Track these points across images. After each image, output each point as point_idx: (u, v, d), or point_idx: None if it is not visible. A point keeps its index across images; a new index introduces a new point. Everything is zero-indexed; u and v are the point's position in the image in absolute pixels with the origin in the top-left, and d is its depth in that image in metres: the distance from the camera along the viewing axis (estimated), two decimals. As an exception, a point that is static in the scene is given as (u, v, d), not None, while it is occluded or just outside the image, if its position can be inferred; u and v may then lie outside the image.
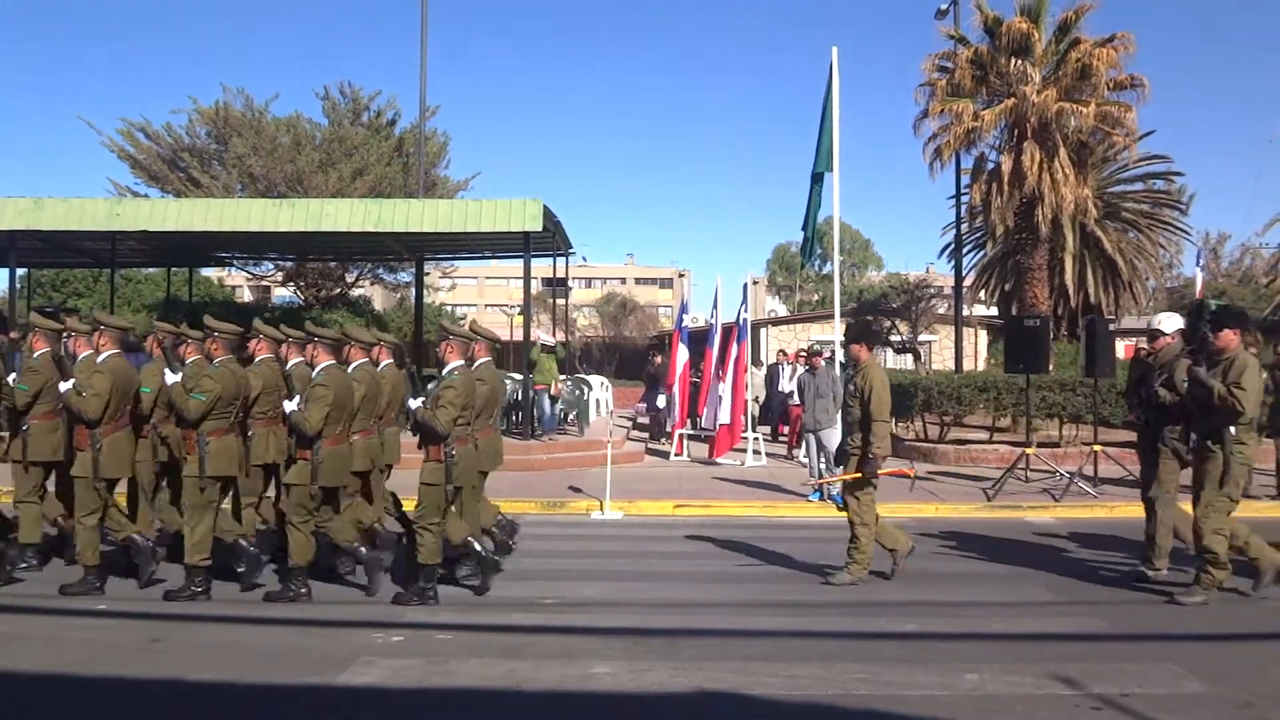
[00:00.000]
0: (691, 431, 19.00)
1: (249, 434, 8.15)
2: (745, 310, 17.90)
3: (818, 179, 16.67)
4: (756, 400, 19.79)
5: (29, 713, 5.44)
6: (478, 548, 8.11)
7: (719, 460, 17.23)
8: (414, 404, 7.79)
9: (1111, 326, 17.75)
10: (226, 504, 8.28)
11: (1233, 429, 7.60)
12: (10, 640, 6.72)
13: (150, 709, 5.56)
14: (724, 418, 16.81)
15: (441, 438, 7.64)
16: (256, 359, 8.43)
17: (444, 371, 7.97)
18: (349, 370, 8.50)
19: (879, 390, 8.32)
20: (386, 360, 9.27)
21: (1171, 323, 8.77)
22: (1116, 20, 54.62)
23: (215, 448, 7.79)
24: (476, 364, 8.40)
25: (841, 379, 14.65)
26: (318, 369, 7.97)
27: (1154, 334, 8.83)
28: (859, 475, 8.38)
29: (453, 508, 8.01)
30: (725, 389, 16.85)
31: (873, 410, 8.30)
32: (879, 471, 8.39)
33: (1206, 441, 7.74)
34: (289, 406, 7.77)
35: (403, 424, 9.18)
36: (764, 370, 23.11)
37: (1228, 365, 7.67)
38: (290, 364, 8.34)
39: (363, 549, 8.16)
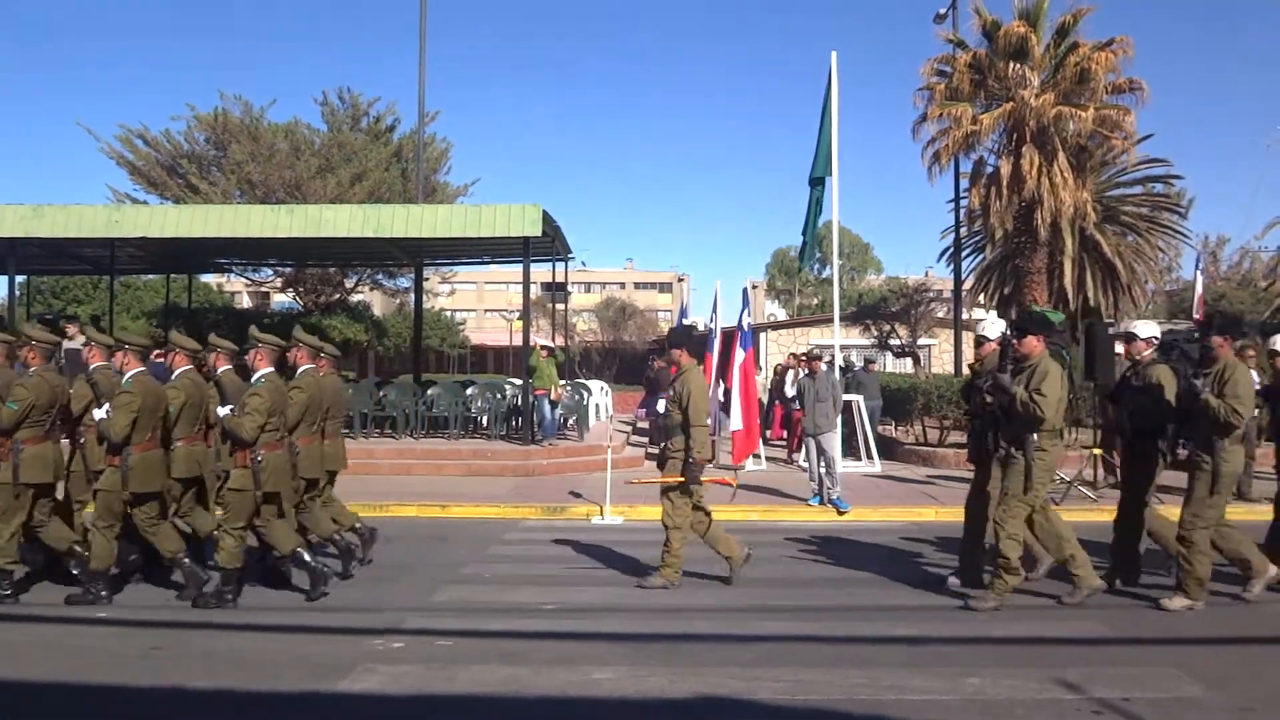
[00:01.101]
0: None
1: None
2: (748, 315, 17.88)
3: (817, 183, 16.70)
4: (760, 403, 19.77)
5: (28, 720, 5.44)
6: (307, 558, 8.07)
7: (739, 466, 17.17)
8: (222, 411, 7.83)
9: (1111, 330, 17.73)
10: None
11: (1035, 435, 7.60)
12: (12, 649, 6.72)
13: (152, 717, 5.55)
14: (735, 424, 16.77)
15: (247, 444, 7.67)
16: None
17: (253, 379, 7.99)
18: (304, 375, 8.75)
19: (697, 397, 8.36)
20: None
21: (994, 329, 8.81)
22: (1115, 24, 54.76)
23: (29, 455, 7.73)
24: (300, 370, 8.56)
25: (841, 383, 14.68)
26: (128, 375, 7.87)
27: (980, 340, 8.87)
28: (681, 480, 8.39)
29: (281, 518, 8.09)
30: (735, 394, 16.82)
31: (691, 416, 8.35)
32: (701, 479, 8.38)
33: (1011, 448, 7.75)
34: (98, 414, 7.73)
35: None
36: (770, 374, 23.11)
37: (1031, 372, 7.70)
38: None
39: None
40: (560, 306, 29.67)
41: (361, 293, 36.50)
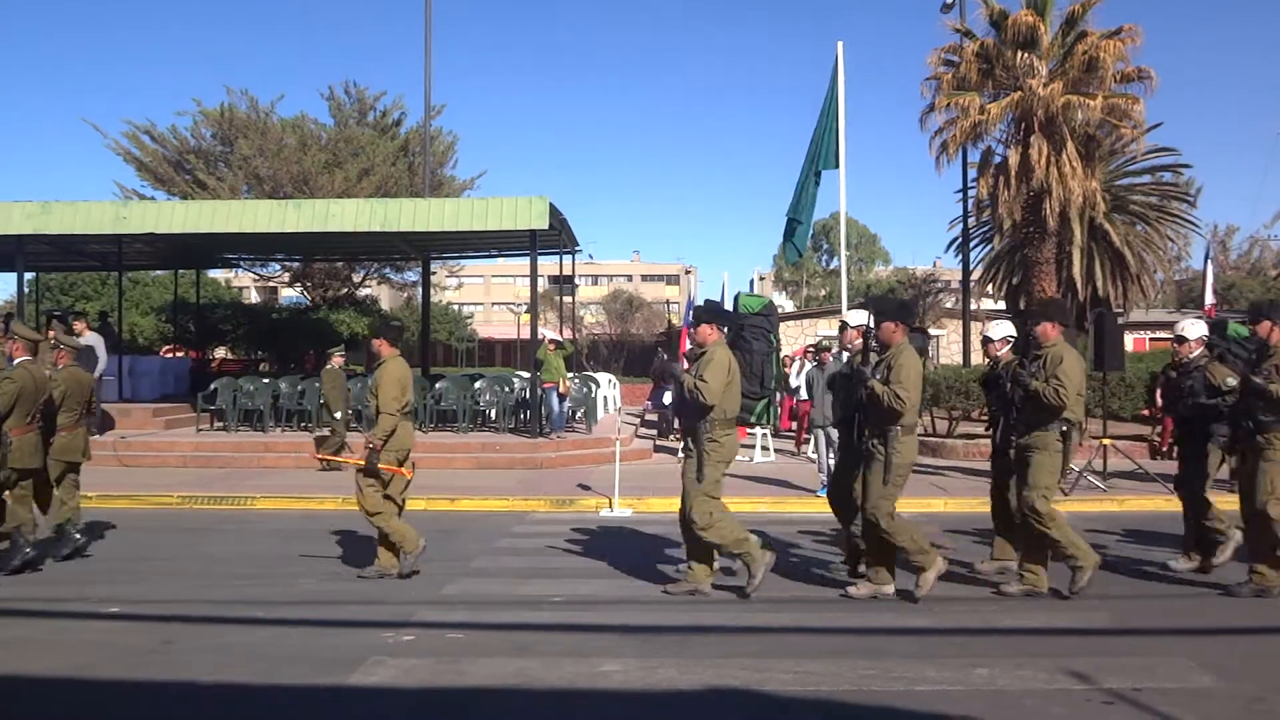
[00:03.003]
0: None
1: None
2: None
3: (817, 175, 16.66)
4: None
5: (43, 717, 5.45)
6: (21, 541, 8.58)
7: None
8: None
9: (1120, 320, 17.70)
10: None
11: (896, 427, 7.52)
12: (21, 644, 6.74)
13: (163, 712, 5.57)
14: None
15: None
16: (15, 361, 8.82)
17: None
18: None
19: (386, 385, 8.37)
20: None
21: (856, 317, 8.80)
22: (1123, 12, 54.53)
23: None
24: (15, 362, 8.76)
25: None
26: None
27: (842, 326, 8.86)
28: (361, 463, 8.44)
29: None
30: None
31: (380, 404, 8.36)
32: (380, 465, 8.35)
33: (874, 440, 7.66)
34: None
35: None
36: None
37: (890, 362, 7.62)
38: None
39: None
40: (567, 299, 29.66)
41: (369, 287, 36.54)
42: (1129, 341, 36.85)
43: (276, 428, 18.63)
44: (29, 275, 22.83)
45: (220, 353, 32.63)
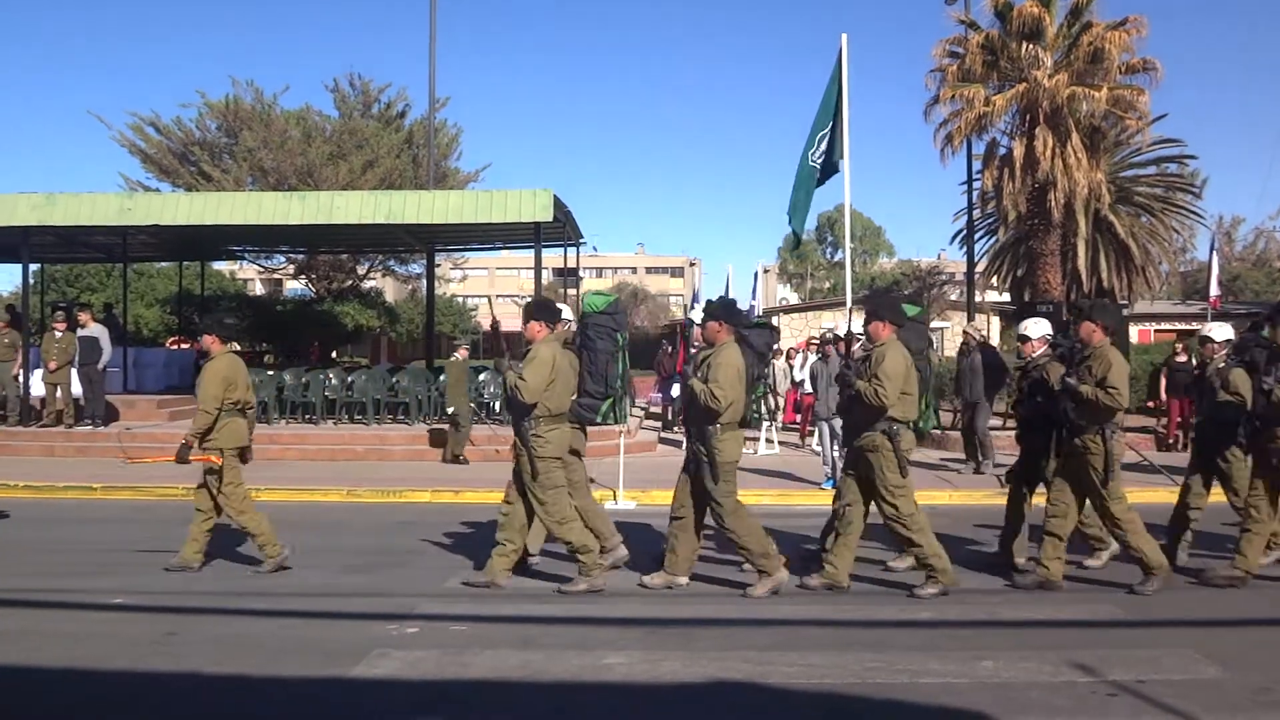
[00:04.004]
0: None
1: None
2: (754, 299, 17.85)
3: (815, 170, 16.58)
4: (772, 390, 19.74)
5: (48, 709, 5.46)
6: None
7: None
8: None
9: (1125, 311, 17.65)
10: None
11: (713, 426, 7.49)
12: (25, 635, 6.75)
13: (168, 703, 5.57)
14: None
15: None
16: None
17: None
18: None
19: (210, 383, 8.20)
20: None
21: (1037, 329, 8.74)
22: (1128, 3, 54.30)
23: None
24: None
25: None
26: None
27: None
28: (174, 460, 8.30)
29: None
30: None
31: (200, 400, 8.25)
32: (190, 458, 8.21)
33: (696, 442, 7.65)
34: None
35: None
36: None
37: (710, 360, 7.55)
38: None
39: None
40: (572, 291, 29.60)
41: (374, 279, 36.53)
42: (1134, 333, 36.79)
43: (281, 420, 18.63)
44: (34, 266, 22.88)
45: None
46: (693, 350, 8.64)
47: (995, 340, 36.55)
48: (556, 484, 7.76)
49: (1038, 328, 8.71)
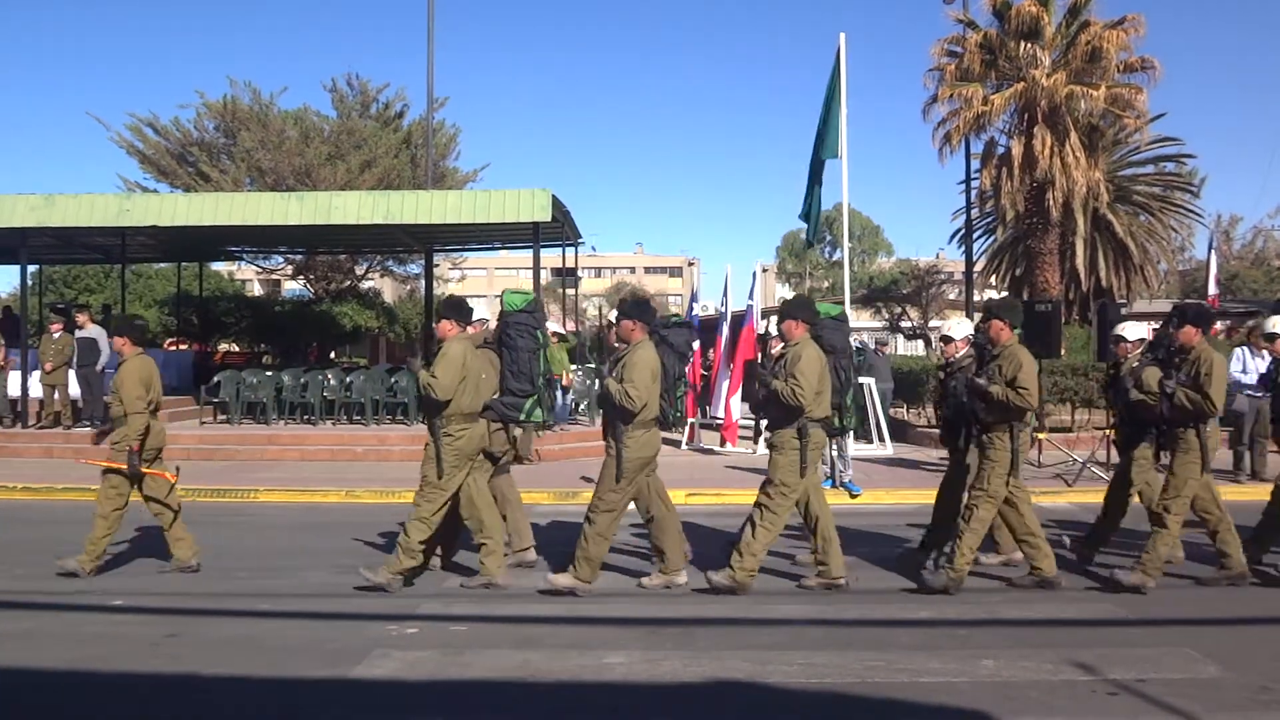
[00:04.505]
0: (703, 420, 18.97)
1: None
2: (752, 298, 17.87)
3: (821, 164, 16.65)
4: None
5: (49, 709, 5.46)
6: None
7: (732, 448, 17.25)
8: None
9: (1123, 310, 17.66)
10: None
11: (626, 425, 7.51)
12: (27, 636, 6.76)
13: (168, 704, 5.57)
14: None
15: None
16: None
17: None
18: None
19: (128, 385, 8.18)
20: None
21: (961, 329, 8.75)
22: (1127, 2, 54.29)
23: None
24: None
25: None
26: None
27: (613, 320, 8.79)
28: (121, 466, 8.27)
29: None
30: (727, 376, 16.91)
31: (125, 403, 8.22)
32: (143, 471, 8.24)
33: (608, 436, 7.69)
34: None
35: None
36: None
37: (624, 360, 7.59)
38: None
39: None
40: (570, 291, 29.60)
41: (372, 279, 36.49)
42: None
43: (280, 420, 18.63)
44: (32, 268, 22.85)
45: (223, 346, 32.65)
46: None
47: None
48: (450, 486, 7.81)
49: (960, 328, 8.73)
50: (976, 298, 29.09)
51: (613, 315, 8.90)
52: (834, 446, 13.36)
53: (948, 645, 6.42)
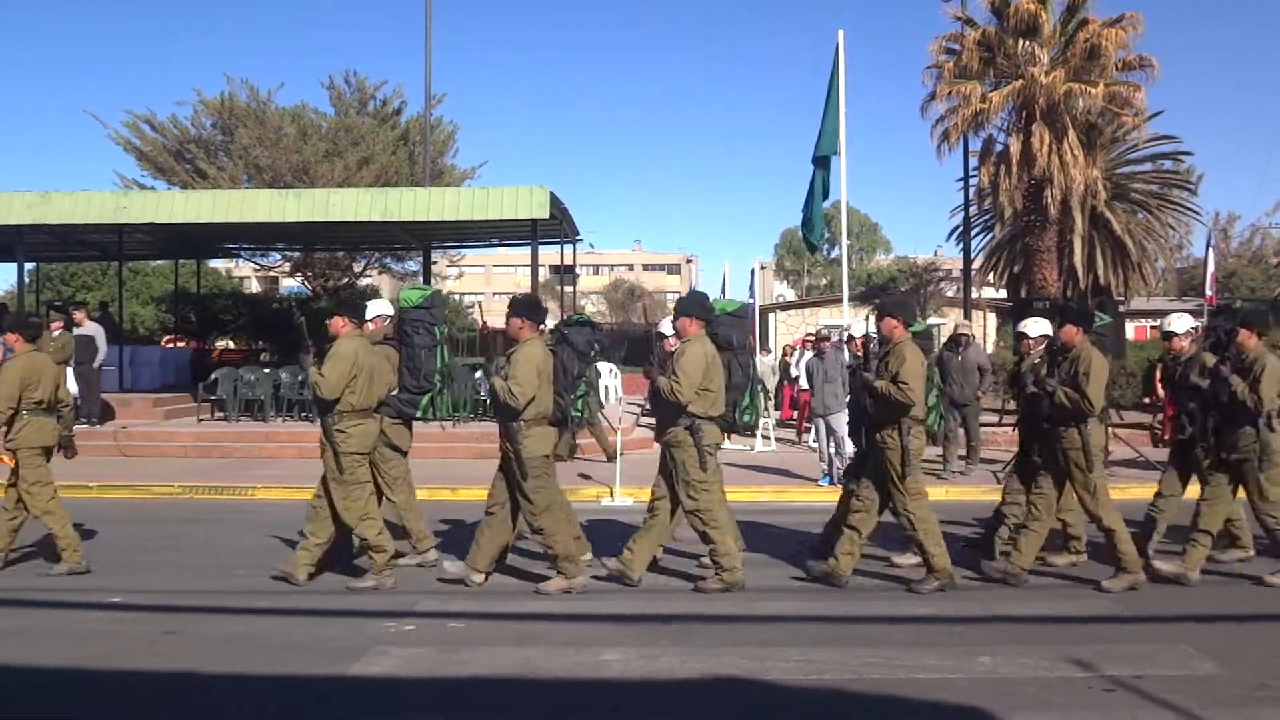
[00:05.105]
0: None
1: None
2: (751, 296, 17.87)
3: (822, 162, 16.64)
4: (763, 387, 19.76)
5: (47, 707, 5.46)
6: None
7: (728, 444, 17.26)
8: None
9: (1121, 308, 17.69)
10: None
11: (516, 423, 7.50)
12: (24, 634, 6.76)
13: (166, 701, 5.57)
14: None
15: None
16: None
17: None
18: None
19: (7, 383, 8.15)
20: None
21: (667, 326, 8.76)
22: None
23: None
24: None
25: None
26: None
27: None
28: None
29: None
30: None
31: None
32: None
33: (502, 438, 7.69)
34: None
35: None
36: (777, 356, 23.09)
37: (511, 356, 7.59)
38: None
39: None
40: (568, 289, 29.59)
41: (370, 277, 36.46)
42: (1130, 330, 36.86)
43: (277, 418, 18.62)
44: (29, 265, 22.84)
45: (221, 343, 32.64)
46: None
47: (992, 337, 36.64)
48: (359, 480, 7.82)
49: (859, 327, 8.73)
50: (974, 295, 29.17)
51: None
52: (832, 444, 13.38)
53: (945, 642, 6.43)
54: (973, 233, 30.22)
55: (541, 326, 7.95)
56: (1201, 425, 8.06)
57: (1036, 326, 8.58)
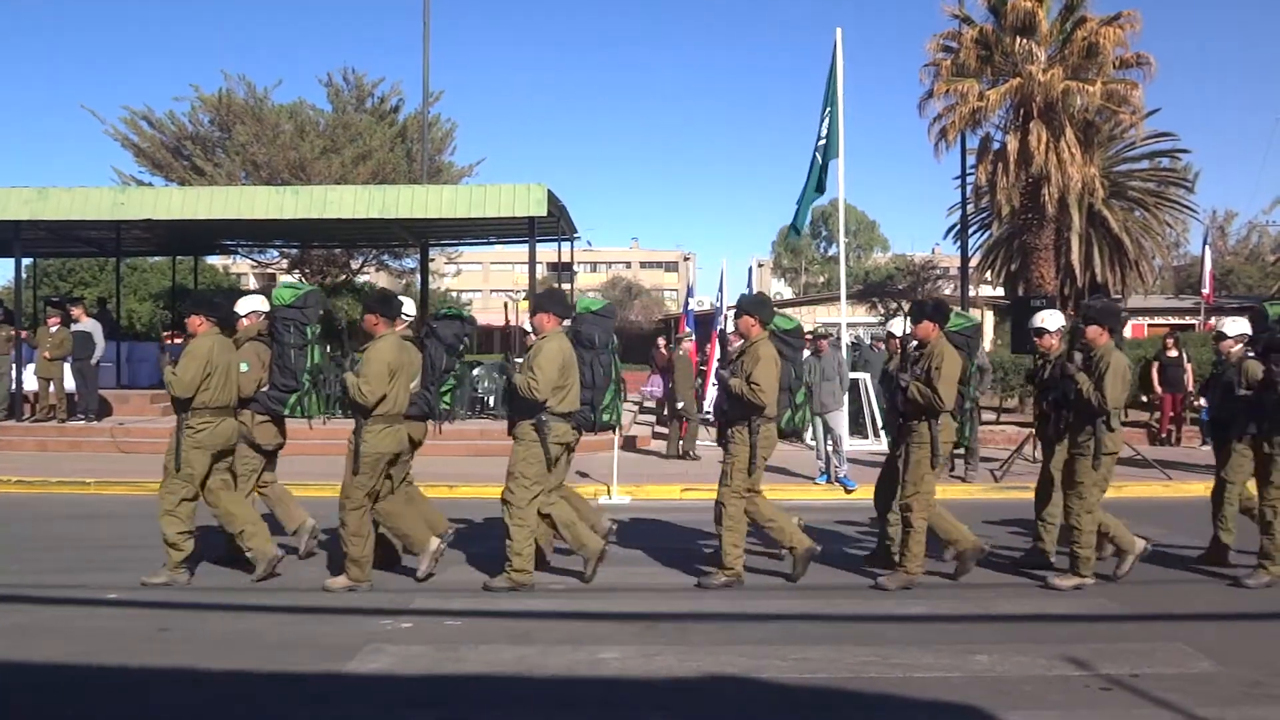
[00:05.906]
0: (700, 416, 18.96)
1: None
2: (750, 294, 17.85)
3: (824, 165, 16.60)
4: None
5: (42, 704, 5.45)
6: None
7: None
8: None
9: (1119, 305, 17.67)
10: None
11: (363, 419, 7.56)
12: (20, 630, 6.74)
13: (161, 698, 5.56)
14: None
15: None
16: None
17: None
18: None
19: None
20: None
21: (1054, 320, 8.73)
22: (1122, -3, 54.16)
23: None
24: None
25: (848, 361, 14.65)
26: None
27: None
28: None
29: None
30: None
31: None
32: None
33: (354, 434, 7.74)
34: None
35: None
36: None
37: (364, 354, 7.65)
38: None
39: None
40: (566, 286, 29.61)
41: (367, 274, 36.49)
42: (1127, 328, 36.83)
43: (275, 415, 18.58)
44: (26, 261, 22.78)
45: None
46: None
47: (989, 335, 36.65)
48: (196, 476, 7.83)
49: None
50: (972, 293, 29.17)
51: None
52: (829, 442, 13.39)
53: (941, 640, 6.43)
54: (970, 231, 30.25)
55: (398, 320, 7.93)
56: (1055, 425, 8.20)
57: (899, 326, 8.63)
